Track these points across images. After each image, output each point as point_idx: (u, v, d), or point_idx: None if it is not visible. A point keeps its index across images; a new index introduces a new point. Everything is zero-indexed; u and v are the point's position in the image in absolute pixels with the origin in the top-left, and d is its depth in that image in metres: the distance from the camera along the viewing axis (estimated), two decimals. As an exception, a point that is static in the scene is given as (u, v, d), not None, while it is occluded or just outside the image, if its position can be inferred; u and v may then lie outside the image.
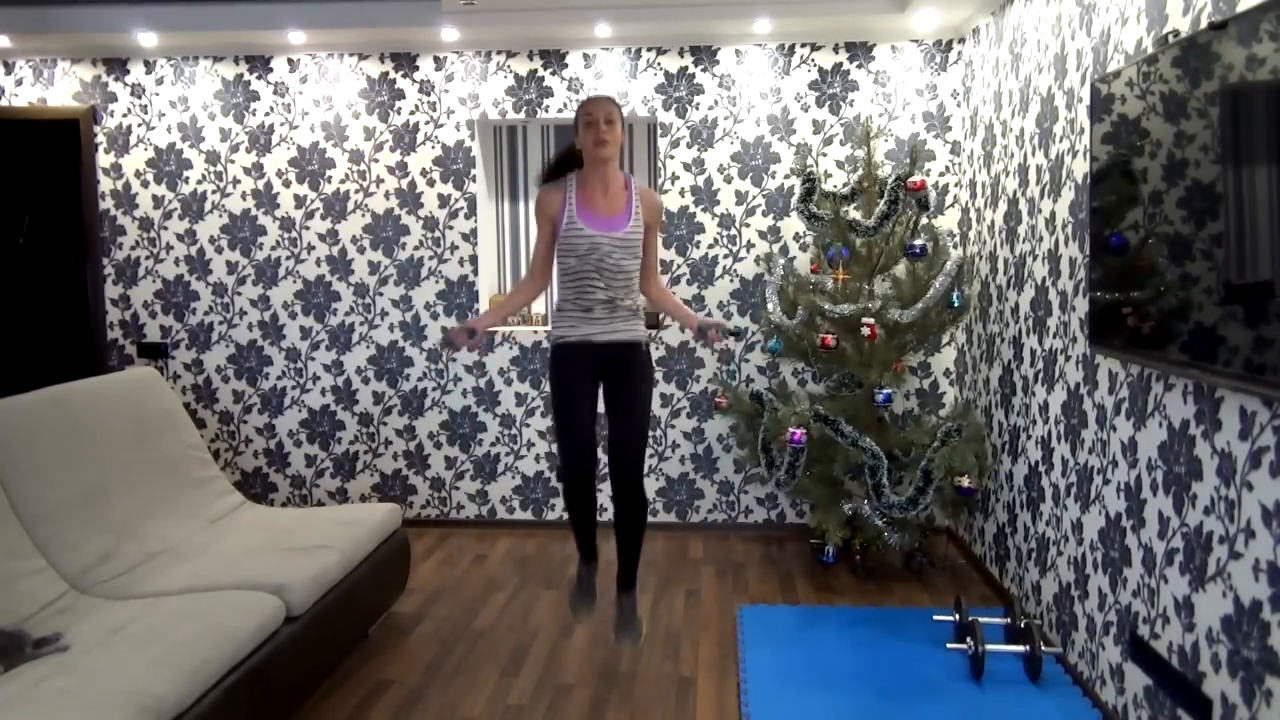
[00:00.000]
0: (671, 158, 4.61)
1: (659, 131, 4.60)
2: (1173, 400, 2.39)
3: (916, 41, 4.47)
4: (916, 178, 3.77)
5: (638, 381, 3.08)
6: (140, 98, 4.77)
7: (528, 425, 4.78)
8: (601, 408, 3.09)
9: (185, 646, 2.36)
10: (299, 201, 4.77)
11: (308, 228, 4.78)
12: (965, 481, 3.70)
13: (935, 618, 3.51)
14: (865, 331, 3.79)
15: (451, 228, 4.73)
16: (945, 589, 3.92)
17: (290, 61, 4.70)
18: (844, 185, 4.19)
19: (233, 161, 4.78)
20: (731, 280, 4.64)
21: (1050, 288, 3.26)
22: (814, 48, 4.51)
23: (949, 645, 3.24)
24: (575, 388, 3.04)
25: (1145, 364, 2.38)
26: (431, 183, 4.72)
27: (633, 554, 3.15)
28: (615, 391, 3.08)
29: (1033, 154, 3.46)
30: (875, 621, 3.55)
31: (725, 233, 4.62)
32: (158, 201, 4.82)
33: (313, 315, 4.82)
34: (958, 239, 4.45)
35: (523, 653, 3.35)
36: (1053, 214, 3.24)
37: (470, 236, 4.73)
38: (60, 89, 4.79)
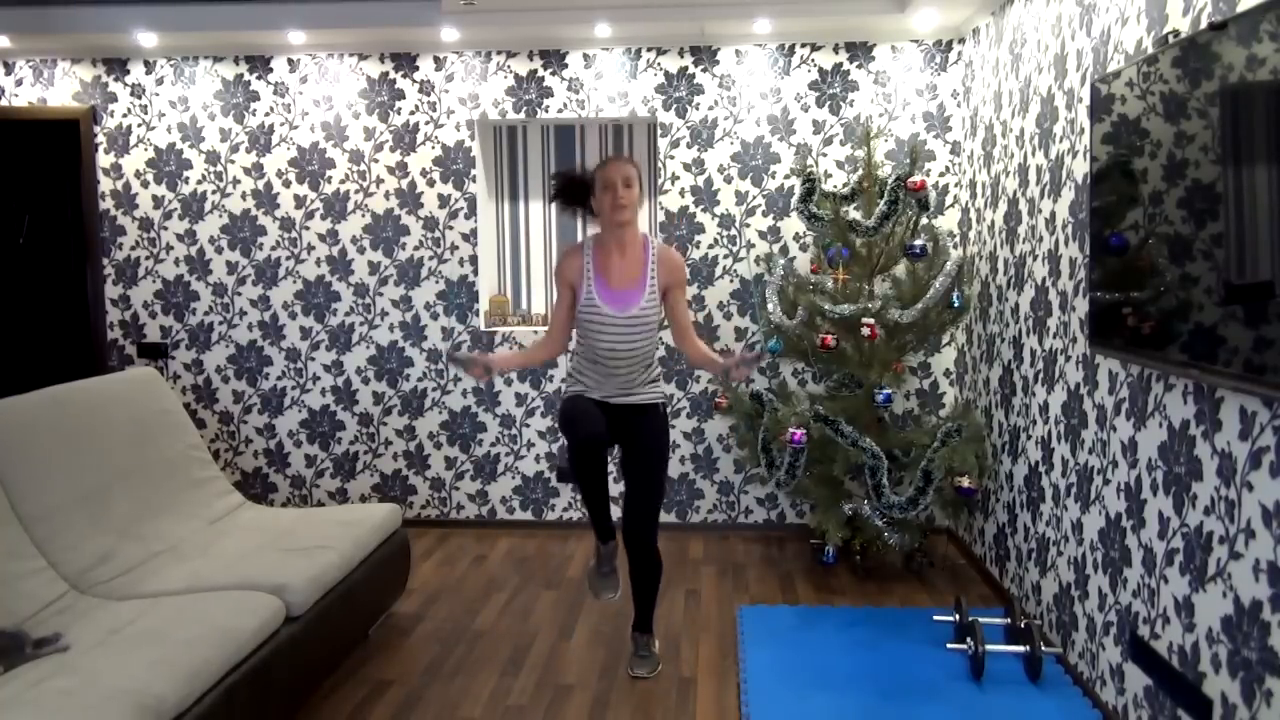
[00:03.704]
0: (671, 158, 4.61)
1: (659, 131, 4.60)
2: (1173, 400, 2.39)
3: (916, 41, 4.47)
4: (916, 178, 3.77)
5: (653, 445, 3.10)
6: (140, 98, 4.77)
7: (528, 425, 4.78)
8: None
9: (185, 646, 2.36)
10: (299, 201, 4.77)
11: (308, 228, 4.78)
12: (965, 482, 3.70)
13: (935, 618, 3.51)
14: (865, 331, 3.79)
15: (451, 228, 4.73)
16: (945, 589, 3.92)
17: (290, 61, 4.70)
18: (844, 185, 4.19)
19: (233, 161, 4.78)
20: (732, 280, 4.64)
21: (1050, 288, 3.26)
22: (814, 48, 4.51)
23: (949, 645, 3.24)
24: (585, 405, 3.02)
25: (1145, 364, 2.38)
26: (431, 183, 4.72)
27: (648, 603, 3.22)
28: (630, 453, 3.10)
29: (1033, 154, 3.46)
30: (875, 621, 3.55)
31: (725, 233, 4.62)
32: (158, 201, 4.82)
33: (313, 315, 4.82)
34: (958, 239, 4.45)
35: (523, 653, 3.35)
36: (1053, 214, 3.24)
37: (470, 236, 4.73)
38: (60, 89, 4.79)
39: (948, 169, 4.51)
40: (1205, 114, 2.05)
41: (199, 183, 4.80)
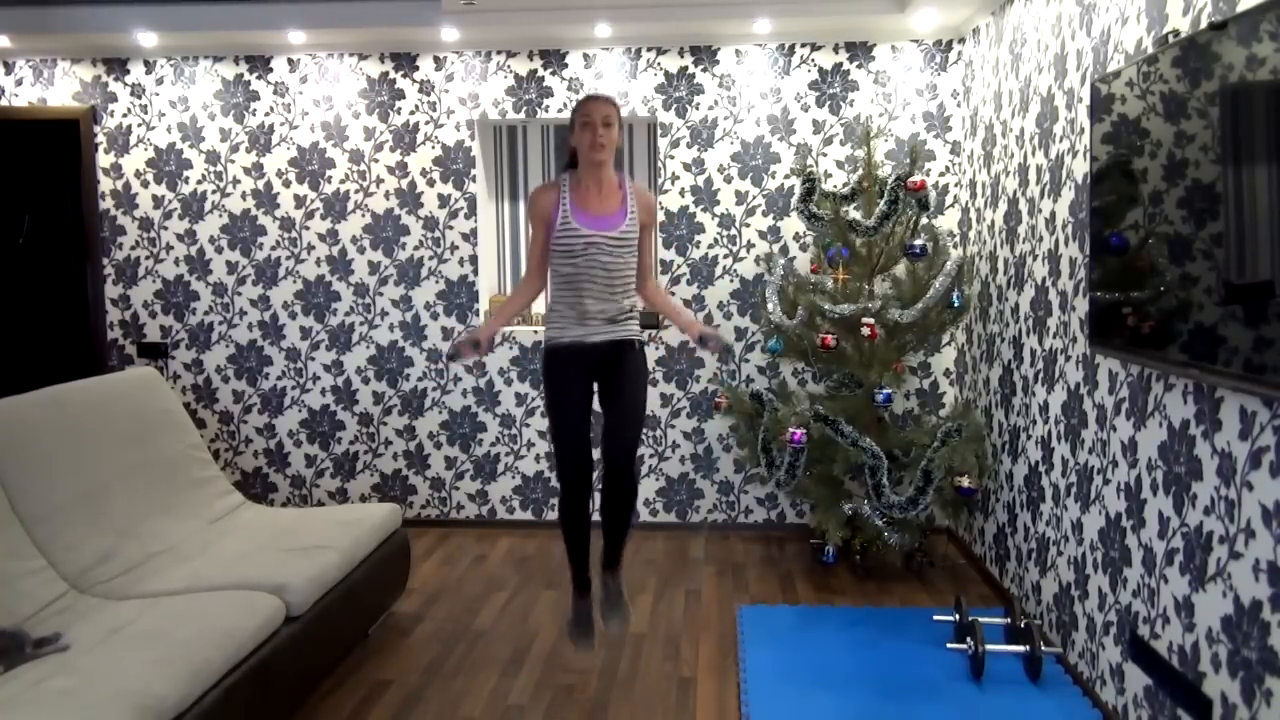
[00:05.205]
0: (671, 158, 4.61)
1: (659, 131, 4.60)
2: (1173, 400, 2.39)
3: (916, 41, 4.47)
4: (916, 178, 3.77)
5: (632, 377, 3.08)
6: (140, 98, 4.78)
7: (528, 425, 4.78)
8: (597, 405, 3.10)
9: (185, 646, 2.36)
10: (299, 201, 4.77)
11: (308, 228, 4.78)
12: (965, 481, 3.70)
13: (935, 618, 3.51)
14: (865, 331, 3.79)
15: (451, 228, 4.73)
16: (945, 589, 3.92)
17: (290, 61, 4.70)
18: (844, 185, 4.19)
19: (233, 161, 4.78)
20: (731, 280, 4.64)
21: (1050, 288, 3.26)
22: (814, 48, 4.51)
23: (949, 645, 3.24)
24: (570, 390, 3.04)
25: (1145, 364, 2.38)
26: (431, 183, 4.72)
27: (619, 534, 3.15)
28: (610, 386, 3.08)
29: (1033, 154, 3.46)
30: (875, 621, 3.55)
31: (725, 233, 4.62)
32: (158, 201, 4.82)
33: (313, 315, 4.82)
34: (958, 239, 4.45)
35: (523, 653, 3.35)
36: (1053, 214, 3.24)
37: (470, 236, 4.73)
38: (60, 89, 4.79)
39: (948, 169, 4.51)
40: (1205, 114, 2.05)
41: (199, 182, 4.80)
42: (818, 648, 3.31)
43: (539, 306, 4.98)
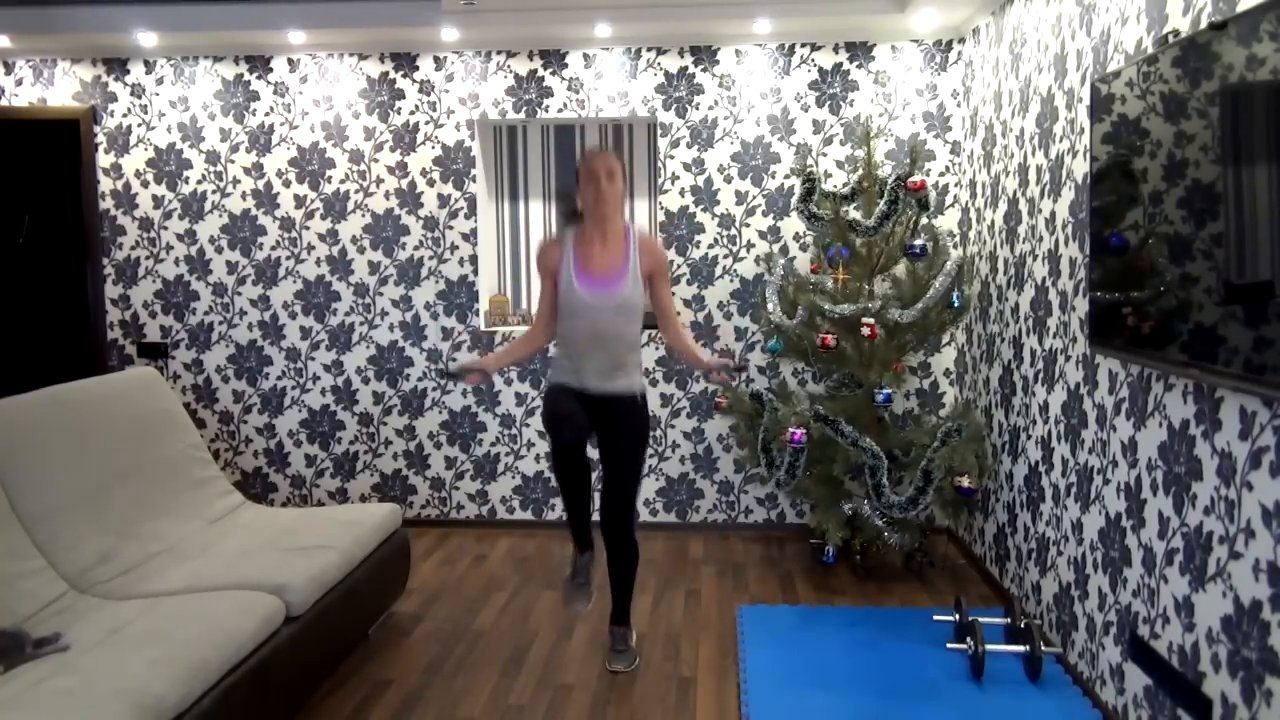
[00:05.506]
0: (671, 158, 4.61)
1: (659, 131, 4.60)
2: (1173, 400, 2.39)
3: (916, 41, 4.47)
4: (916, 178, 3.77)
5: (630, 434, 3.13)
6: (140, 98, 4.77)
7: (528, 425, 4.78)
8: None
9: (185, 646, 2.36)
10: (299, 201, 4.77)
11: (308, 228, 4.78)
12: (965, 481, 3.70)
13: (935, 618, 3.51)
14: (865, 331, 3.79)
15: (451, 228, 4.73)
16: (945, 589, 3.92)
17: (290, 61, 4.70)
18: (844, 185, 4.19)
19: (233, 161, 4.78)
20: (731, 280, 4.64)
21: (1050, 288, 3.26)
22: (814, 48, 4.51)
23: (949, 645, 3.24)
24: (566, 396, 3.08)
25: (1145, 364, 2.38)
26: (431, 183, 4.72)
27: (624, 593, 3.27)
28: (607, 442, 3.14)
29: (1033, 154, 3.46)
30: (875, 621, 3.55)
31: (725, 233, 4.62)
32: (158, 201, 4.82)
33: (313, 315, 4.82)
34: (958, 239, 4.45)
35: (523, 653, 3.35)
36: (1053, 214, 3.24)
37: (470, 236, 4.73)
38: (60, 89, 4.79)
39: (948, 169, 4.51)
40: (1205, 114, 2.05)
41: (199, 182, 4.80)
42: (818, 648, 3.31)
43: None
